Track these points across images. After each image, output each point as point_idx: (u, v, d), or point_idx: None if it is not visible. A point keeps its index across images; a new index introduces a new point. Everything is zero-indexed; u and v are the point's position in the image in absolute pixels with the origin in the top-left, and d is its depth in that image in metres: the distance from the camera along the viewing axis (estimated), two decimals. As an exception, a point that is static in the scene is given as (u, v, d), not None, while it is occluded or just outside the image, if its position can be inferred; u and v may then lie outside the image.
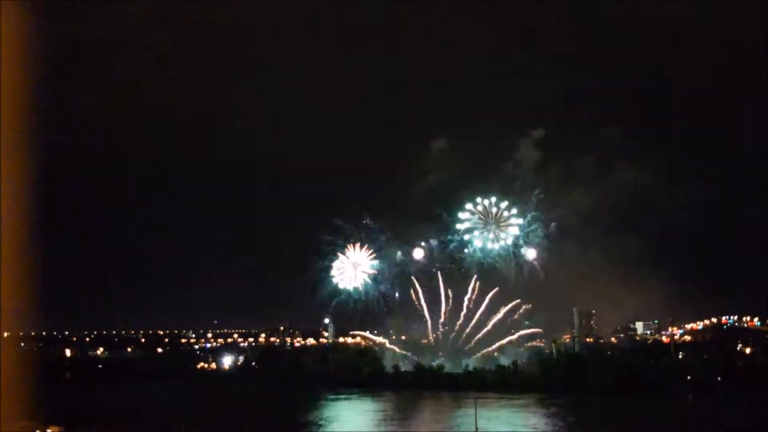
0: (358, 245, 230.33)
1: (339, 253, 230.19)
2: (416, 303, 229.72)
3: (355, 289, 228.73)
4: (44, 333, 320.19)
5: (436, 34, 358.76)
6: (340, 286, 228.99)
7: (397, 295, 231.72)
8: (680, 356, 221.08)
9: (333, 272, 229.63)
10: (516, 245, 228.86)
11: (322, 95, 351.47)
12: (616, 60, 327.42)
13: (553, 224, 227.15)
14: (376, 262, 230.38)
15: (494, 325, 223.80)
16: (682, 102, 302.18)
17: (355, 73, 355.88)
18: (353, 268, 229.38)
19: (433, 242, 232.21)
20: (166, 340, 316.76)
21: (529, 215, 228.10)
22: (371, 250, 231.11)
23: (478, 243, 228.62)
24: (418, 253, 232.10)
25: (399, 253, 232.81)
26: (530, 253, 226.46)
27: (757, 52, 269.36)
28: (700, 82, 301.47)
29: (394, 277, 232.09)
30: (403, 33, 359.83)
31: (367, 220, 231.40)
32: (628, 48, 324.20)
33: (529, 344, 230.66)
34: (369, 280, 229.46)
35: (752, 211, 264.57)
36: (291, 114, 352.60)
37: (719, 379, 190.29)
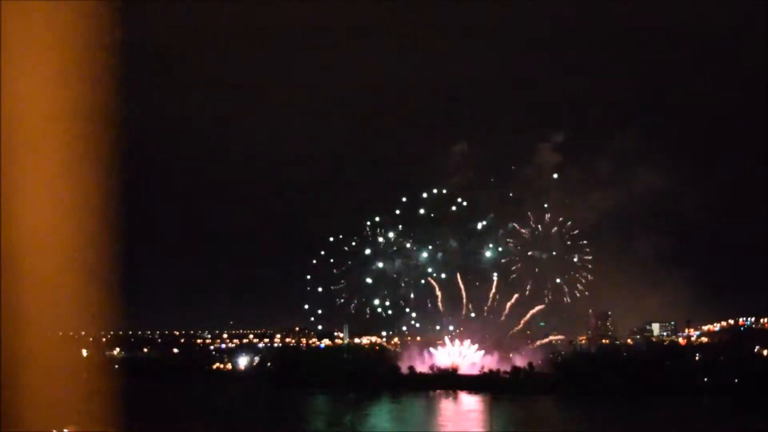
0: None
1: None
2: (431, 304, 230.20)
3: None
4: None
5: (451, 36, 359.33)
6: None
7: (412, 295, 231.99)
8: (696, 358, 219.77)
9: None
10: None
11: (335, 97, 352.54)
12: (630, 62, 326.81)
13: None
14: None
15: (511, 325, 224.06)
16: (700, 102, 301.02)
17: (363, 75, 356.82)
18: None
19: (453, 243, 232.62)
20: (182, 340, 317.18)
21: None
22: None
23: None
24: (437, 255, 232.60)
25: (424, 254, 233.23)
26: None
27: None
28: (718, 83, 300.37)
29: (413, 278, 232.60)
30: (415, 36, 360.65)
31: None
32: (641, 49, 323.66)
33: (547, 339, 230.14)
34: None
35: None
36: (307, 117, 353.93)
37: (736, 381, 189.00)
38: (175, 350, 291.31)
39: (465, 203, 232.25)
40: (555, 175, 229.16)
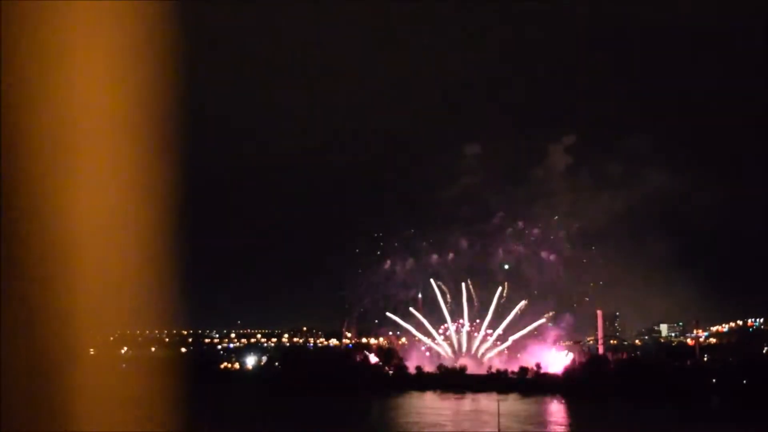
0: None
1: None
2: (440, 305, 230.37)
3: None
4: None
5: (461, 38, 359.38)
6: None
7: (420, 295, 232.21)
8: (705, 359, 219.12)
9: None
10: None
11: (346, 100, 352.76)
12: (643, 64, 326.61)
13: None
14: None
15: (521, 326, 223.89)
16: (708, 105, 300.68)
17: (378, 76, 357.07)
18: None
19: (464, 243, 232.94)
20: (190, 340, 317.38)
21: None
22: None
23: None
24: (448, 257, 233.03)
25: (434, 255, 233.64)
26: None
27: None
28: (728, 86, 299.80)
29: (422, 279, 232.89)
30: (425, 38, 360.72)
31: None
32: (654, 51, 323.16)
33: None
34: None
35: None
36: (318, 118, 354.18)
37: (745, 382, 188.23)
38: (183, 349, 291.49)
39: (475, 204, 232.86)
40: (564, 177, 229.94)
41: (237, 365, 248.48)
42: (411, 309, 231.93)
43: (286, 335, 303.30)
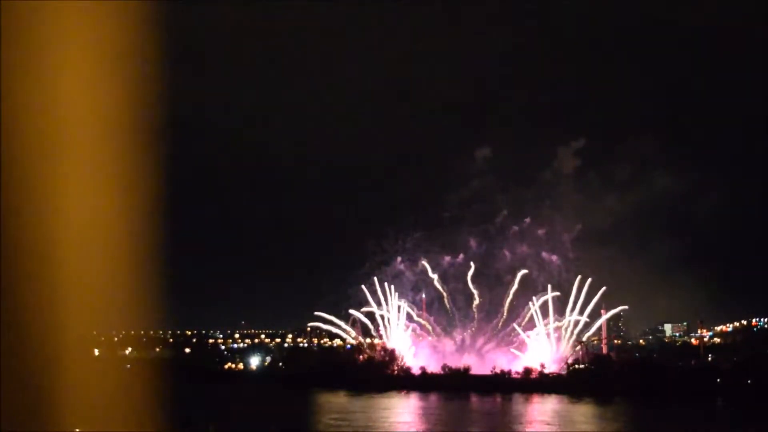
0: None
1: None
2: (447, 306, 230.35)
3: None
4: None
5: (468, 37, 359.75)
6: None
7: (423, 295, 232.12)
8: (709, 359, 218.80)
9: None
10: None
11: (355, 100, 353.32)
12: (647, 65, 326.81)
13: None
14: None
15: (526, 326, 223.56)
16: (713, 108, 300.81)
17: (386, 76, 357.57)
18: None
19: (473, 244, 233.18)
20: (194, 340, 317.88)
21: None
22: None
23: None
24: (454, 258, 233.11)
25: (447, 258, 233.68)
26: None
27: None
28: (730, 89, 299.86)
29: (428, 280, 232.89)
30: (434, 39, 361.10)
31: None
32: (659, 53, 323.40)
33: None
34: None
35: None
36: (327, 119, 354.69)
37: (749, 382, 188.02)
38: (187, 350, 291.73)
39: (484, 206, 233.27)
40: (571, 179, 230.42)
41: (241, 365, 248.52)
42: (416, 310, 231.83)
43: (290, 336, 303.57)
